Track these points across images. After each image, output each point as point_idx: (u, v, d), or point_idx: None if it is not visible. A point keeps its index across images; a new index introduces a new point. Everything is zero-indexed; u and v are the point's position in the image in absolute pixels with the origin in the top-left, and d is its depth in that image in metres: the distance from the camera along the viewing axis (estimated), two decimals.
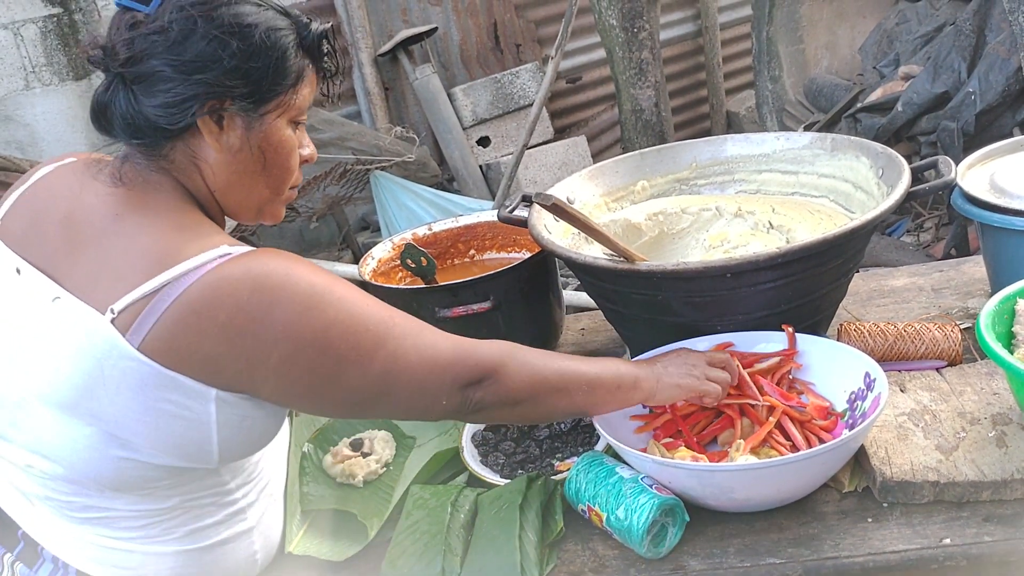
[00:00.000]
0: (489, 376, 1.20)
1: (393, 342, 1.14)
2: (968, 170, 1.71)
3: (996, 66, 3.52)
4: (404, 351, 1.15)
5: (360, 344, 1.12)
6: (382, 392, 1.15)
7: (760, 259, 1.35)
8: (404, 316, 1.19)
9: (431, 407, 1.20)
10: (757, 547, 1.21)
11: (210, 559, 1.24)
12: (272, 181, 1.21)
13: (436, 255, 2.06)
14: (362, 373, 1.13)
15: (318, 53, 1.20)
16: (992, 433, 1.28)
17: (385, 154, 4.55)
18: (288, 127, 1.19)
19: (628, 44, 4.45)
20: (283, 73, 1.14)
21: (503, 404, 1.23)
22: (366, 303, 1.15)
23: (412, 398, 1.18)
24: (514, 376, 1.21)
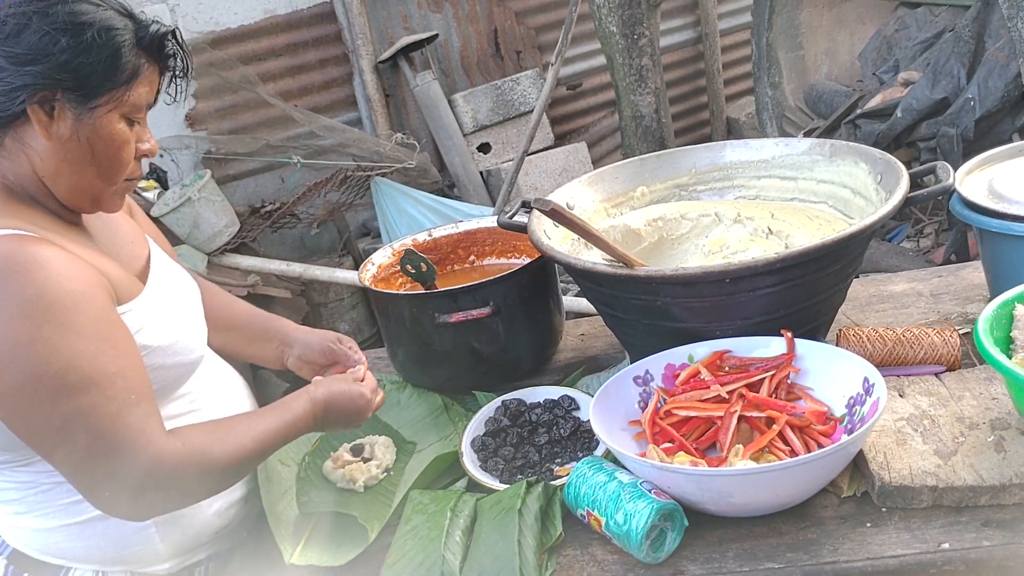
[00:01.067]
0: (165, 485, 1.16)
1: (97, 398, 1.11)
2: (967, 176, 1.71)
3: (995, 72, 3.53)
4: (102, 414, 1.11)
5: (62, 377, 1.09)
6: (56, 435, 1.11)
7: (759, 264, 1.35)
8: (132, 381, 1.16)
9: (94, 489, 1.15)
10: (756, 552, 1.21)
11: (91, 532, 1.27)
12: (103, 172, 1.24)
13: (436, 261, 2.06)
14: (44, 405, 1.10)
15: (159, 53, 1.24)
16: (991, 438, 1.28)
17: (386, 160, 4.55)
18: (121, 122, 1.22)
19: (628, 51, 4.46)
20: (115, 70, 1.18)
21: (179, 506, 1.23)
22: (100, 347, 1.13)
23: (80, 467, 1.13)
24: (194, 482, 1.20)
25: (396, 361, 1.88)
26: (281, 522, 1.44)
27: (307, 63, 4.87)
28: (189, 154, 4.65)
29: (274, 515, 1.44)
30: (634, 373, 1.48)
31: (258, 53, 4.73)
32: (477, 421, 1.62)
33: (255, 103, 4.71)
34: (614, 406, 1.43)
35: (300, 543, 1.41)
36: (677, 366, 1.49)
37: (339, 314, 4.69)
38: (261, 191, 4.87)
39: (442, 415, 1.75)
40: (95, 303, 1.16)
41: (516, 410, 1.63)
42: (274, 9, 4.74)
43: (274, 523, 1.42)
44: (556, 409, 1.62)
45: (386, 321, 1.84)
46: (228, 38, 4.66)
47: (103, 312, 1.17)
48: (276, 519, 1.43)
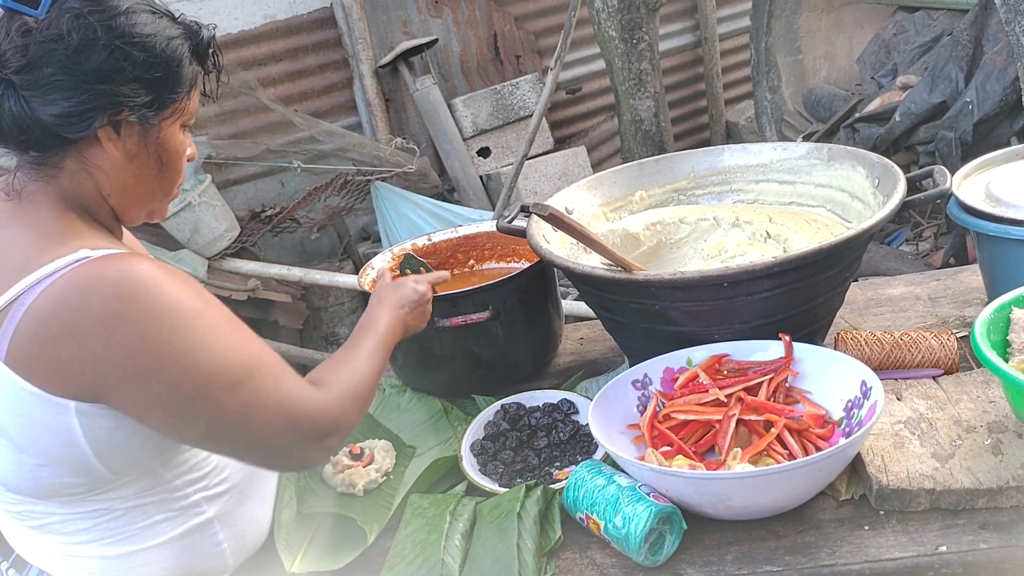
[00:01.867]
0: (337, 429, 1.19)
1: (259, 379, 1.13)
2: (964, 180, 1.72)
3: (993, 76, 3.54)
4: (268, 391, 1.13)
5: (223, 375, 1.10)
6: (236, 428, 1.13)
7: (757, 268, 1.35)
8: (271, 355, 1.18)
9: (285, 455, 1.18)
10: (754, 555, 1.22)
11: (169, 554, 1.25)
12: (165, 184, 1.23)
13: (435, 265, 2.07)
14: (219, 405, 1.10)
15: (204, 58, 1.21)
16: (988, 441, 1.29)
17: (386, 165, 4.56)
18: (181, 131, 1.21)
19: (628, 55, 4.47)
20: (180, 81, 1.15)
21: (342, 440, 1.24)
22: (236, 334, 1.14)
23: (267, 441, 1.15)
24: (352, 417, 1.23)
25: (396, 365, 1.88)
26: (282, 531, 1.44)
27: (307, 68, 4.88)
28: None
29: (276, 524, 1.44)
30: (633, 377, 1.48)
31: (258, 58, 4.75)
32: (476, 425, 1.63)
33: (255, 108, 4.72)
34: (613, 410, 1.43)
35: (301, 551, 1.41)
36: (676, 370, 1.49)
37: (339, 318, 4.70)
38: (261, 196, 4.88)
39: (441, 419, 1.75)
40: (209, 297, 1.16)
41: (515, 414, 1.63)
42: (274, 14, 4.76)
43: (276, 531, 1.42)
44: (555, 413, 1.62)
45: None
46: (228, 43, 4.67)
47: (221, 305, 1.17)
48: (278, 527, 1.44)
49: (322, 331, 4.70)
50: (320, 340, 4.70)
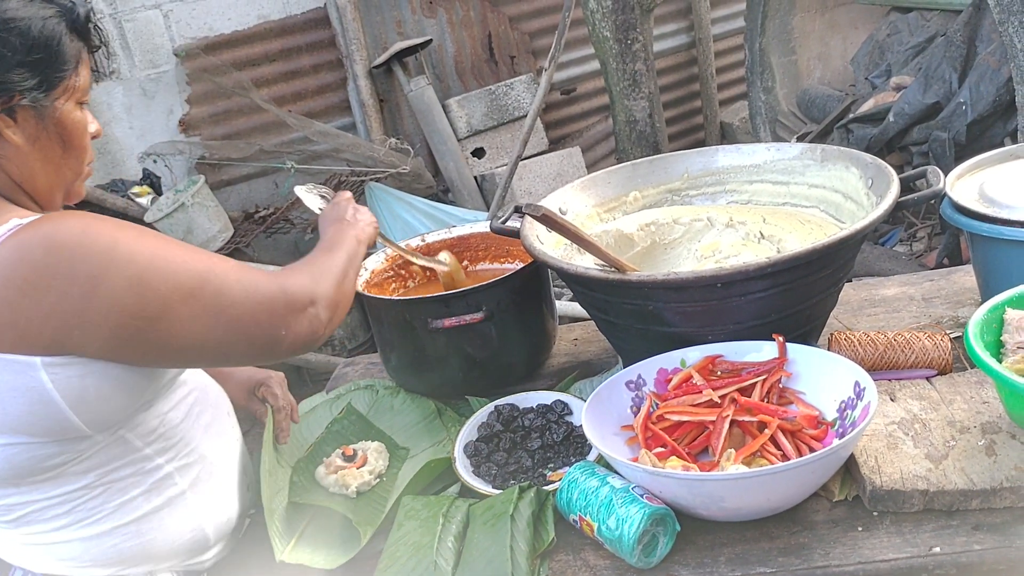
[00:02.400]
0: (314, 299, 1.24)
1: (216, 278, 1.17)
2: (957, 180, 1.72)
3: (987, 76, 3.54)
4: (228, 285, 1.18)
5: (181, 283, 1.14)
6: (214, 326, 1.16)
7: (750, 269, 1.35)
8: (223, 259, 1.23)
9: (274, 337, 1.21)
10: (748, 556, 1.21)
11: (148, 528, 1.27)
12: (72, 162, 1.25)
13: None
14: (190, 310, 1.14)
15: (86, 35, 1.23)
16: (982, 442, 1.29)
17: (380, 165, 4.55)
18: (77, 108, 1.22)
19: (622, 56, 4.47)
20: (63, 59, 1.17)
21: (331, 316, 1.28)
22: (182, 249, 1.19)
23: (249, 331, 1.19)
24: (327, 288, 1.28)
25: (389, 366, 1.88)
26: (275, 516, 1.44)
27: (301, 68, 4.87)
28: (183, 159, 4.65)
29: (269, 509, 1.44)
30: (626, 378, 1.48)
31: (252, 58, 4.73)
32: (470, 426, 1.62)
33: (249, 108, 4.71)
34: (606, 411, 1.43)
35: (292, 540, 1.41)
36: (669, 371, 1.49)
37: None
38: (255, 196, 4.86)
39: (435, 420, 1.75)
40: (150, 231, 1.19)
41: (509, 415, 1.63)
42: (268, 14, 4.75)
43: (268, 517, 1.42)
44: (549, 414, 1.62)
45: (379, 326, 1.84)
46: (222, 43, 4.66)
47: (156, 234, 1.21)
48: (271, 513, 1.43)
49: None
50: None
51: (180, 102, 4.68)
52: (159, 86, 4.64)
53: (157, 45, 4.59)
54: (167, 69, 4.63)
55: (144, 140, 4.64)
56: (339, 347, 4.70)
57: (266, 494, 1.46)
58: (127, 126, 4.63)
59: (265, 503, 1.44)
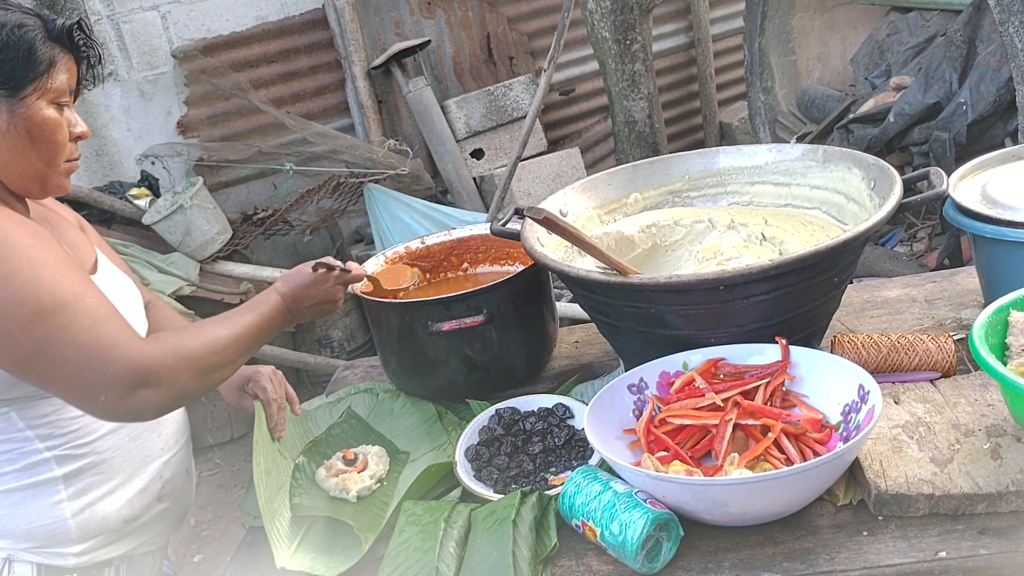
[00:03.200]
0: (153, 380, 1.24)
1: (71, 314, 1.22)
2: (960, 181, 1.71)
3: (987, 76, 3.54)
4: (78, 328, 1.21)
5: (35, 300, 1.20)
6: (42, 355, 1.21)
7: (753, 271, 1.34)
8: (99, 301, 1.27)
9: (91, 397, 1.23)
10: (752, 561, 1.20)
11: (9, 502, 1.34)
12: (43, 155, 1.34)
13: (429, 268, 2.06)
14: (25, 330, 1.19)
15: (70, 43, 1.35)
16: (987, 445, 1.28)
17: (378, 167, 4.54)
18: (49, 107, 1.32)
19: (621, 56, 4.46)
20: (33, 62, 1.29)
21: (173, 402, 1.28)
22: (60, 271, 1.25)
23: (72, 378, 1.22)
24: (178, 375, 1.27)
25: (389, 369, 1.87)
26: (275, 520, 1.43)
27: (299, 69, 4.86)
28: (181, 161, 4.64)
29: (268, 512, 1.43)
30: (628, 381, 1.47)
31: (250, 60, 4.73)
32: (471, 430, 1.61)
33: (247, 110, 4.70)
34: (608, 415, 1.42)
35: (293, 546, 1.40)
36: (672, 374, 1.48)
37: (332, 321, 4.67)
38: (253, 198, 4.86)
39: (435, 424, 1.74)
40: (50, 241, 1.29)
41: (510, 419, 1.62)
42: (266, 16, 4.74)
43: (268, 520, 1.41)
44: (550, 418, 1.61)
45: (379, 329, 1.83)
46: (220, 45, 4.65)
47: (59, 249, 1.30)
48: (270, 516, 1.42)
49: (315, 334, 4.68)
50: (313, 343, 4.68)
51: (178, 104, 4.67)
52: (157, 87, 4.63)
53: (155, 46, 4.58)
54: (165, 71, 4.62)
55: (142, 142, 4.63)
56: (338, 349, 4.69)
57: (263, 497, 1.45)
58: (125, 128, 4.62)
59: (263, 507, 1.43)
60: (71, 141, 1.38)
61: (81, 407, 1.27)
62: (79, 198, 4.17)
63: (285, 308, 1.48)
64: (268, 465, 1.52)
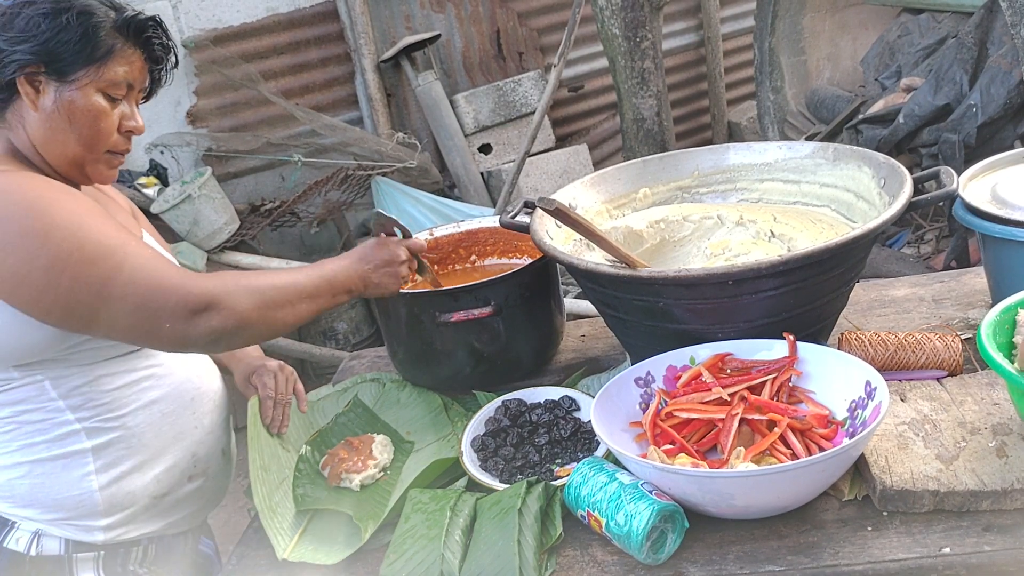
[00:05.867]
0: (215, 305, 1.27)
1: (121, 256, 1.25)
2: (970, 181, 1.71)
3: (998, 79, 3.53)
4: (130, 266, 1.25)
5: (84, 248, 1.23)
6: (100, 298, 1.24)
7: (762, 266, 1.35)
8: (141, 244, 1.31)
9: (155, 329, 1.27)
10: (756, 554, 1.21)
11: (40, 471, 1.36)
12: (83, 140, 1.35)
13: (437, 260, 2.06)
14: (80, 274, 1.23)
15: (136, 37, 1.36)
16: (992, 443, 1.28)
17: (386, 160, 4.55)
18: (98, 95, 1.34)
19: (631, 53, 4.46)
20: (89, 48, 1.31)
21: (235, 330, 1.31)
22: (102, 222, 1.28)
23: (134, 313, 1.25)
24: (239, 301, 1.30)
25: (396, 360, 1.87)
26: (276, 515, 1.43)
27: (309, 61, 4.86)
28: (190, 151, 4.65)
29: (268, 508, 1.44)
30: (635, 374, 1.48)
31: (260, 51, 4.73)
32: (477, 421, 1.62)
33: (256, 101, 4.70)
34: (615, 407, 1.42)
35: (294, 539, 1.41)
36: (678, 368, 1.48)
37: (338, 313, 4.68)
38: (261, 189, 4.86)
39: (441, 414, 1.74)
40: (87, 199, 1.32)
41: (516, 410, 1.62)
42: (276, 7, 4.74)
43: (268, 516, 1.42)
44: (556, 410, 1.62)
45: (387, 320, 1.83)
46: (230, 36, 4.66)
47: (96, 205, 1.33)
48: (270, 511, 1.43)
49: (320, 325, 4.69)
50: (319, 335, 4.69)
51: (188, 94, 4.68)
52: None
53: None
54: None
55: (151, 131, 4.64)
56: (343, 341, 4.70)
57: (260, 493, 1.46)
58: None
59: (259, 504, 1.44)
60: (120, 133, 1.39)
61: (146, 341, 1.32)
62: None
63: (351, 266, 1.48)
64: (266, 461, 1.53)
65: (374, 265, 1.51)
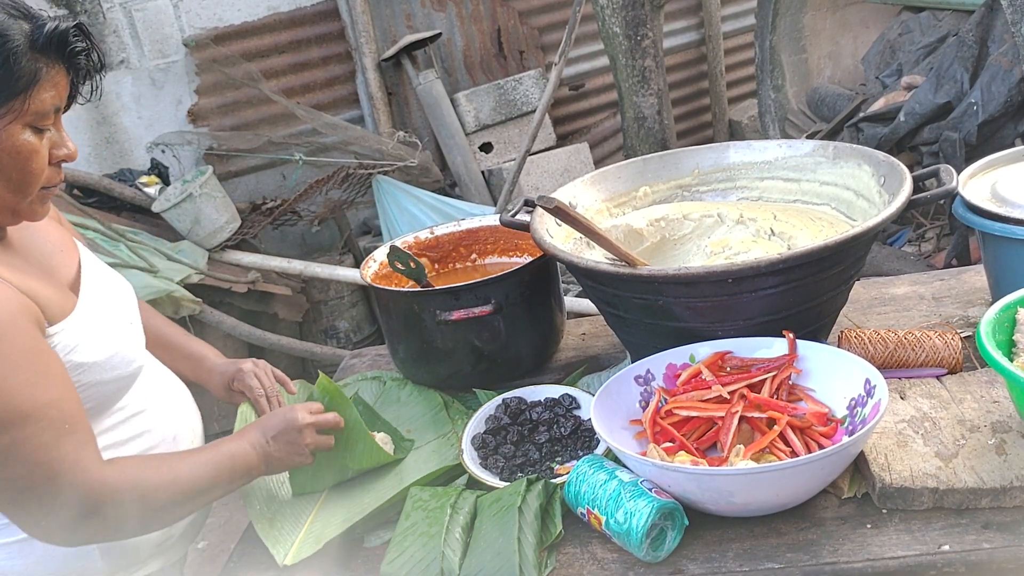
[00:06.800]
0: (99, 512, 1.17)
1: (31, 429, 1.11)
2: (970, 179, 1.71)
3: (998, 77, 3.53)
4: (35, 445, 1.12)
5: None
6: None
7: (762, 264, 1.35)
8: (64, 410, 1.15)
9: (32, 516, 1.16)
10: (756, 552, 1.21)
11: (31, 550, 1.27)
12: (13, 185, 1.18)
13: (438, 259, 2.07)
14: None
15: (59, 53, 1.16)
16: (992, 441, 1.28)
17: (387, 158, 4.55)
18: (26, 131, 1.16)
19: (631, 52, 4.46)
20: (8, 79, 1.11)
21: (108, 536, 1.24)
22: (28, 379, 1.12)
23: (20, 496, 1.14)
24: (123, 512, 1.20)
25: (397, 358, 1.88)
26: (273, 526, 1.44)
27: (310, 60, 4.86)
28: (191, 150, 4.66)
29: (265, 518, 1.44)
30: (635, 372, 1.48)
31: (261, 50, 4.73)
32: (478, 419, 1.62)
33: (257, 100, 4.71)
34: (615, 405, 1.43)
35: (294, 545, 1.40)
36: (678, 366, 1.49)
37: (339, 312, 4.69)
38: (262, 188, 4.87)
39: (441, 412, 1.75)
40: (24, 332, 1.14)
41: (517, 408, 1.62)
42: (277, 6, 4.74)
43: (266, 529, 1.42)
44: (557, 408, 1.62)
45: (387, 318, 1.83)
46: (231, 34, 4.66)
47: (32, 341, 1.15)
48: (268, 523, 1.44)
49: (322, 324, 4.69)
50: (319, 333, 4.70)
51: (189, 92, 4.68)
52: (168, 76, 4.64)
53: (166, 35, 4.59)
54: (176, 59, 4.63)
55: (152, 130, 4.65)
56: (344, 340, 4.71)
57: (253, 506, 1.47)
58: (136, 116, 4.63)
59: (253, 516, 1.45)
60: (52, 165, 1.22)
61: (16, 520, 1.18)
62: (89, 185, 4.19)
63: (252, 448, 1.37)
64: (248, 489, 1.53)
65: (275, 435, 1.39)
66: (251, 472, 1.37)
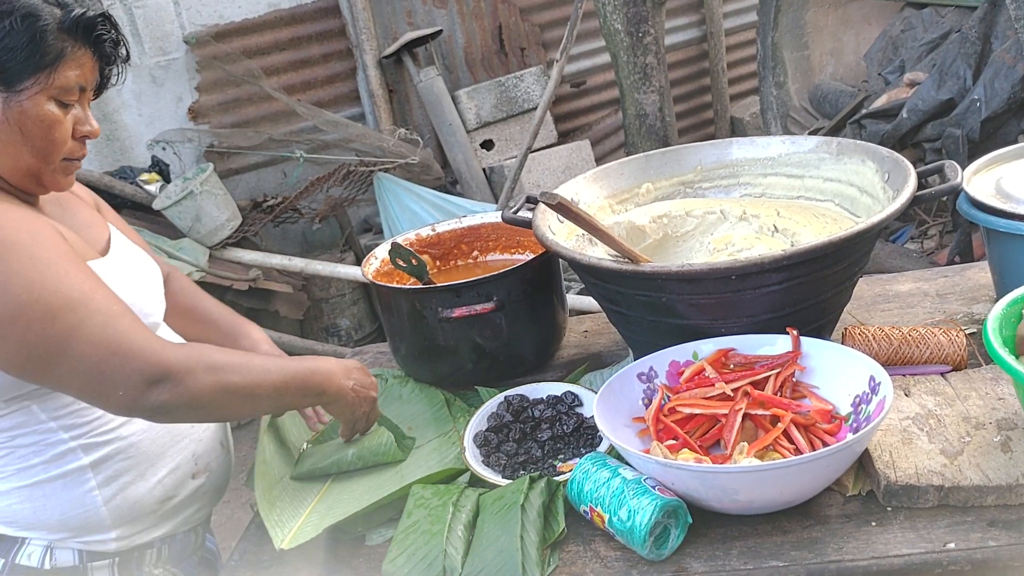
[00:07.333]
0: (171, 378, 1.22)
1: (83, 313, 1.20)
2: (974, 175, 1.71)
3: (1002, 73, 3.52)
4: (91, 325, 1.20)
5: (43, 301, 1.17)
6: (55, 356, 1.19)
7: (765, 261, 1.34)
8: (109, 298, 1.24)
9: (107, 393, 1.22)
10: (760, 550, 1.20)
11: (40, 494, 1.33)
12: (37, 151, 1.28)
13: (439, 255, 2.06)
14: (38, 330, 1.17)
15: (85, 37, 1.27)
16: (997, 438, 1.28)
17: (388, 156, 4.55)
18: (50, 103, 1.26)
19: (633, 49, 4.45)
20: (37, 54, 1.23)
21: (186, 407, 1.26)
22: (68, 270, 1.21)
23: (88, 375, 1.21)
24: (197, 380, 1.25)
25: (398, 356, 1.87)
26: (275, 508, 1.44)
27: (311, 57, 4.86)
28: (192, 147, 4.65)
29: (268, 500, 1.45)
30: (638, 370, 1.47)
31: (262, 47, 4.73)
32: (480, 416, 1.61)
33: (258, 97, 4.70)
34: (618, 402, 1.42)
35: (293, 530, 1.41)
36: (681, 363, 1.48)
37: (340, 310, 4.69)
38: (263, 185, 4.86)
39: (443, 410, 1.74)
40: (52, 237, 1.24)
41: (519, 406, 1.62)
42: (278, 3, 4.74)
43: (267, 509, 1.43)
44: (559, 405, 1.61)
45: (389, 315, 1.83)
46: (232, 31, 4.65)
47: (61, 244, 1.25)
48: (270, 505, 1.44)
49: (323, 322, 4.69)
50: (321, 331, 4.70)
51: (189, 89, 4.68)
52: (169, 73, 4.63)
53: (167, 32, 4.59)
54: (177, 56, 4.63)
55: (153, 127, 4.64)
56: (345, 338, 4.71)
57: (260, 487, 1.47)
58: (136, 113, 4.63)
59: (259, 495, 1.46)
60: (75, 139, 1.32)
61: (97, 404, 1.26)
62: (90, 182, 4.18)
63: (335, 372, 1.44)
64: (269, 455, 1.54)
65: (355, 380, 1.48)
66: (322, 395, 1.43)
